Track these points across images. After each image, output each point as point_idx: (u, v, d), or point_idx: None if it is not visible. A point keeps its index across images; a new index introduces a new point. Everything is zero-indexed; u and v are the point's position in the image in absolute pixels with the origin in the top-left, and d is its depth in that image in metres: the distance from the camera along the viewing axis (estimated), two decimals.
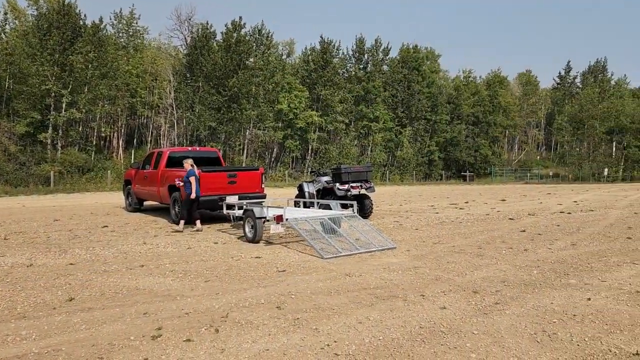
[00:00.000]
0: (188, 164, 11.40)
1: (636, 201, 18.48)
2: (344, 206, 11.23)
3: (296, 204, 12.49)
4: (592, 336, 4.38)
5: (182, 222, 11.27)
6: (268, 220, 9.43)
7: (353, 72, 51.11)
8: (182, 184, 11.38)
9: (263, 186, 13.07)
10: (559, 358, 3.93)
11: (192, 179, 11.15)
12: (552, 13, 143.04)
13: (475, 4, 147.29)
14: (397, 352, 4.06)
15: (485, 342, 4.27)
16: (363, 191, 13.52)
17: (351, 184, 13.21)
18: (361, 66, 52.10)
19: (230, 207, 11.20)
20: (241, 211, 10.36)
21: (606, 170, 53.49)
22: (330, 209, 10.65)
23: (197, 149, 15.89)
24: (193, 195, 11.12)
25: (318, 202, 11.70)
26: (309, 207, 11.95)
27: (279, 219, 9.02)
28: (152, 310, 5.24)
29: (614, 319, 4.85)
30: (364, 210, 13.20)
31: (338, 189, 13.04)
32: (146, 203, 16.11)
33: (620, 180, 51.65)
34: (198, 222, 11.26)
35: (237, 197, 11.71)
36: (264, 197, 12.79)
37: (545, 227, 11.63)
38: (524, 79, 77.80)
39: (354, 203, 10.47)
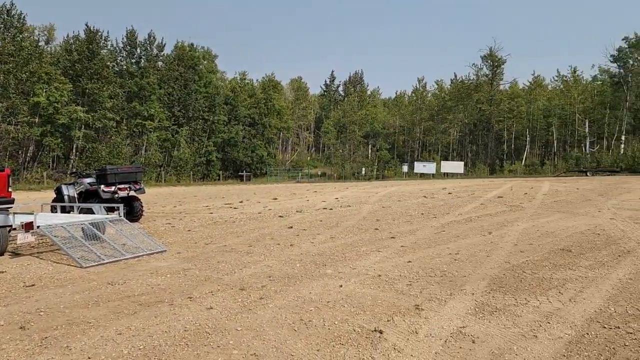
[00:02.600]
0: None
1: (384, 196, 21.35)
2: (111, 209, 10.46)
3: (53, 209, 11.22)
4: (341, 319, 4.88)
5: None
6: (15, 229, 8.22)
7: (125, 67, 48.07)
8: None
9: (10, 190, 11.35)
10: (312, 343, 4.27)
11: None
12: (322, 21, 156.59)
13: (250, 10, 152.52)
14: None
15: (248, 337, 4.41)
16: (132, 193, 12.80)
17: (118, 186, 12.38)
18: (133, 60, 49.31)
19: None
20: None
21: (364, 169, 60.76)
22: (93, 213, 9.81)
23: None
24: None
25: (79, 206, 10.67)
26: (68, 212, 10.83)
27: (28, 226, 7.94)
28: None
29: (360, 301, 5.49)
30: (134, 213, 12.51)
31: (103, 191, 12.08)
32: None
33: (375, 178, 59.12)
34: None
35: None
36: (12, 202, 11.11)
37: (310, 223, 12.61)
38: (296, 84, 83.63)
39: (121, 206, 9.84)
